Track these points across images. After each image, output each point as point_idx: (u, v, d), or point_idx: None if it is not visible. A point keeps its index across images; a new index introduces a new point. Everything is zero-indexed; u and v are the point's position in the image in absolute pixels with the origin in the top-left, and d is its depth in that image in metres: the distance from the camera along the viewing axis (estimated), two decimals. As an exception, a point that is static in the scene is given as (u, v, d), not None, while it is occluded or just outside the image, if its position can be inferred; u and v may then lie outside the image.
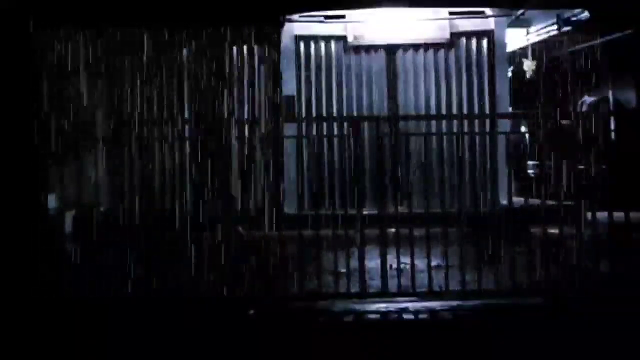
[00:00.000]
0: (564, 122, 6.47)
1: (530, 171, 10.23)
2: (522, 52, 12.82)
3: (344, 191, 7.15)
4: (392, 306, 5.94)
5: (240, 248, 6.20)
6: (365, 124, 7.80)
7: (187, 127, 6.57)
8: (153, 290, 5.98)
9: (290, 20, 9.99)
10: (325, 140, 9.32)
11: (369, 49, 10.96)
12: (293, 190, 6.89)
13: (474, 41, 10.97)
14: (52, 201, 6.23)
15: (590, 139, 6.24)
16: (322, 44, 10.97)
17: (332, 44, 10.98)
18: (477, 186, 9.56)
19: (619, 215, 6.06)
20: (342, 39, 10.92)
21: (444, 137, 8.82)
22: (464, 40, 10.97)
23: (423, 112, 10.70)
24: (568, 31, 11.01)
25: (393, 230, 6.11)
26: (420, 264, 6.17)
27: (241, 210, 6.36)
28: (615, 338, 4.90)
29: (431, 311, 5.82)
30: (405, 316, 5.76)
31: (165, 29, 6.54)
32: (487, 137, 9.78)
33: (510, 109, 11.61)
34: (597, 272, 6.03)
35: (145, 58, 6.50)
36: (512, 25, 11.20)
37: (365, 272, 6.08)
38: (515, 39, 12.40)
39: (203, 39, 6.56)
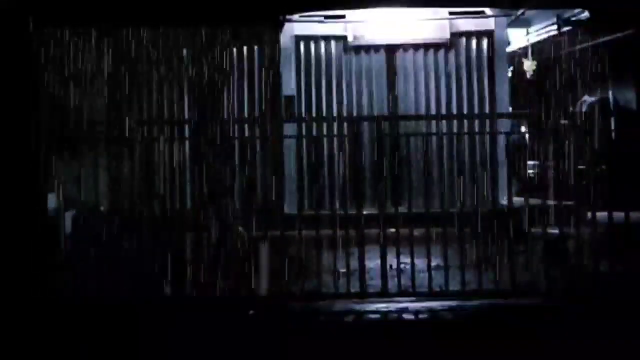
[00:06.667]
0: (563, 122, 6.47)
1: (530, 171, 10.22)
2: (522, 52, 12.81)
3: (344, 191, 7.16)
4: (392, 306, 5.94)
5: (240, 248, 6.19)
6: (365, 124, 7.80)
7: (187, 127, 6.57)
8: (153, 291, 5.97)
9: (290, 20, 9.98)
10: (325, 140, 9.36)
11: (369, 49, 10.95)
12: (293, 190, 6.90)
13: (474, 41, 10.96)
14: (52, 201, 6.22)
15: (590, 139, 6.24)
16: (322, 44, 10.96)
17: (332, 44, 10.96)
18: (477, 186, 9.56)
19: (619, 215, 6.06)
20: (342, 39, 10.91)
21: (444, 137, 8.82)
22: (464, 40, 10.96)
23: (423, 112, 10.69)
24: (568, 31, 11.00)
25: (393, 230, 6.11)
26: (420, 264, 6.16)
27: (241, 210, 6.36)
28: (615, 338, 4.90)
29: (431, 311, 5.82)
30: (405, 316, 5.76)
31: (165, 29, 6.53)
32: (487, 137, 9.77)
33: (510, 109, 11.60)
34: (597, 272, 6.03)
35: (145, 58, 6.50)
36: (512, 25, 11.19)
37: (365, 272, 6.08)
38: (515, 39, 12.40)
39: (203, 39, 6.56)
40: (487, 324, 5.56)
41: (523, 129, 10.81)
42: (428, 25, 10.74)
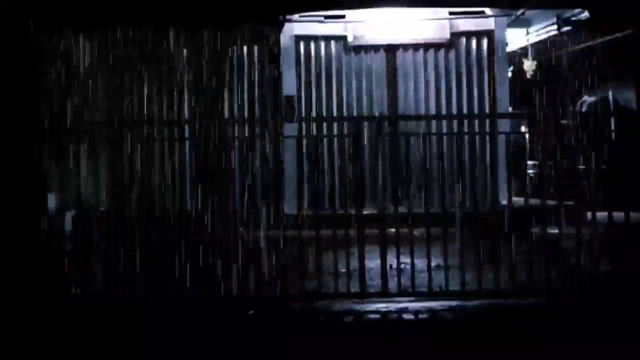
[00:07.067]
0: (563, 122, 6.48)
1: (530, 171, 10.23)
2: (522, 52, 12.82)
3: (344, 191, 7.16)
4: (392, 306, 5.94)
5: (240, 248, 6.19)
6: (365, 124, 7.80)
7: (187, 127, 6.57)
8: (152, 292, 5.97)
9: (290, 20, 9.98)
10: (325, 140, 9.35)
11: (369, 49, 10.96)
12: (293, 190, 6.91)
13: (474, 41, 10.97)
14: (52, 201, 6.22)
15: (590, 139, 6.24)
16: (322, 44, 10.97)
17: (332, 44, 10.97)
18: (477, 186, 9.57)
19: (619, 215, 6.06)
20: (342, 39, 10.92)
21: (444, 137, 8.84)
22: (464, 40, 10.97)
23: (423, 112, 10.70)
24: (568, 31, 11.01)
25: (393, 230, 6.11)
26: (420, 264, 6.16)
27: (241, 210, 6.36)
28: (615, 338, 4.90)
29: (431, 311, 5.82)
30: (405, 316, 5.76)
31: (165, 28, 6.53)
32: (487, 137, 9.78)
33: (510, 109, 11.61)
34: (597, 272, 6.03)
35: (145, 58, 6.50)
36: (512, 25, 11.20)
37: (365, 272, 6.08)
38: (515, 39, 12.40)
39: (203, 39, 6.56)
40: (487, 324, 5.56)
41: (523, 129, 10.82)
42: (428, 25, 10.75)
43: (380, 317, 5.75)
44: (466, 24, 10.79)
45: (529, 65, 12.47)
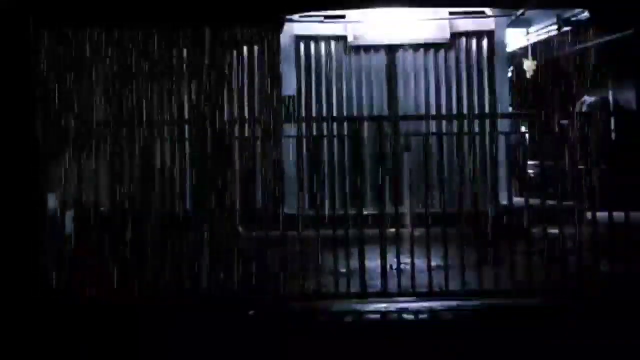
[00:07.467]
0: (563, 122, 6.48)
1: (530, 171, 10.23)
2: (522, 52, 12.83)
3: (344, 191, 7.15)
4: (392, 306, 5.94)
5: (240, 248, 6.19)
6: (365, 124, 7.79)
7: (187, 127, 6.57)
8: (152, 291, 5.98)
9: (290, 20, 9.99)
10: (325, 140, 9.31)
11: (369, 49, 10.96)
12: (293, 190, 6.91)
13: (474, 41, 10.97)
14: (52, 201, 6.22)
15: (590, 139, 6.24)
16: (322, 44, 10.97)
17: (332, 44, 10.98)
18: (477, 186, 9.55)
19: (619, 215, 6.06)
20: (342, 39, 10.93)
21: (444, 137, 8.83)
22: (464, 40, 10.97)
23: (423, 112, 10.70)
24: (568, 31, 11.01)
25: (393, 230, 6.11)
26: (420, 264, 6.17)
27: (241, 210, 6.36)
28: (615, 338, 4.90)
29: (431, 311, 5.82)
30: (405, 316, 5.77)
31: (165, 28, 6.54)
32: (487, 137, 9.78)
33: (510, 109, 11.61)
34: (597, 272, 6.03)
35: (145, 58, 6.50)
36: (512, 25, 11.20)
37: (365, 272, 6.08)
38: (515, 39, 12.41)
39: (203, 39, 6.56)
40: (487, 324, 5.56)
41: (523, 129, 10.82)
42: (428, 25, 10.75)
43: (380, 317, 5.75)
44: (466, 24, 10.79)
45: (529, 65, 12.46)
